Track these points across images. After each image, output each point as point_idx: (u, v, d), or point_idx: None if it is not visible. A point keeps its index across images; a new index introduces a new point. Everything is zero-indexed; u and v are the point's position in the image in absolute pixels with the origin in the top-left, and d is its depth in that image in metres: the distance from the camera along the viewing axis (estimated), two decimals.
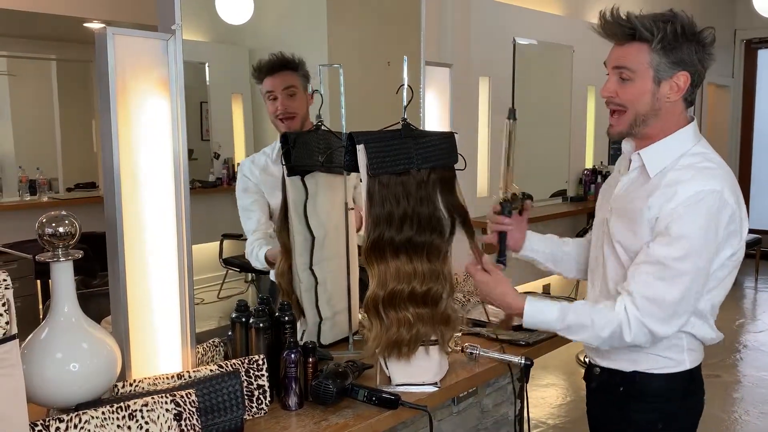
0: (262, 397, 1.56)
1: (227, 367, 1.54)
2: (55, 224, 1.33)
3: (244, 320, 1.67)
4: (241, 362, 1.56)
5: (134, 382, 1.44)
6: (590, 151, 5.90)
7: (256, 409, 1.56)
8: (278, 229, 1.93)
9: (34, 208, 3.56)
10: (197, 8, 2.33)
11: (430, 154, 1.66)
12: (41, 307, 2.96)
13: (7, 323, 1.13)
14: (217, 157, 3.28)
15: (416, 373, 1.69)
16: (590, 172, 5.82)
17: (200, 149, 2.25)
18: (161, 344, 1.56)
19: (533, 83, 5.18)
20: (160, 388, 1.44)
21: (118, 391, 1.42)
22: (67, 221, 1.34)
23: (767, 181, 8.20)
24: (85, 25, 2.56)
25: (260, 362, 1.57)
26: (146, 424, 1.28)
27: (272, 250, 2.08)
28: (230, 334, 1.71)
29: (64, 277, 1.35)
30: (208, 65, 3.20)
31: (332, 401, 1.58)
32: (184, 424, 1.33)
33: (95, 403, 1.33)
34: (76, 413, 1.24)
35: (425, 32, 2.33)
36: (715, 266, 1.54)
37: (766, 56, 8.20)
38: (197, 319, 1.62)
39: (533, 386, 4.00)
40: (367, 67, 2.59)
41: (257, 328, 1.65)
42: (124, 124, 1.46)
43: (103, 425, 1.25)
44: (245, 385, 1.53)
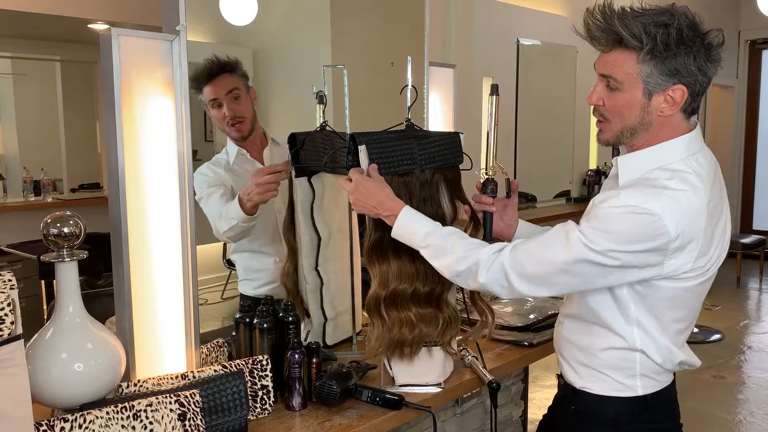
0: (266, 397, 1.56)
1: (231, 367, 1.54)
2: (59, 225, 1.33)
3: (248, 321, 1.68)
4: (245, 363, 1.56)
5: (138, 382, 1.45)
6: (594, 151, 5.91)
7: (260, 409, 1.56)
8: (285, 230, 1.93)
9: (38, 208, 3.56)
10: (201, 9, 2.33)
11: (434, 154, 1.66)
12: (46, 307, 2.97)
13: (12, 323, 1.13)
14: None
15: (420, 373, 1.69)
16: (594, 172, 5.82)
17: (204, 150, 2.25)
18: (165, 344, 1.57)
19: (537, 84, 5.18)
20: (164, 388, 1.44)
21: (122, 391, 1.43)
22: (71, 221, 1.35)
23: None
24: (89, 26, 2.57)
25: (264, 363, 1.57)
26: (150, 424, 1.29)
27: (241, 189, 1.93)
28: (234, 334, 1.72)
29: (68, 277, 1.36)
30: None
31: (336, 402, 1.58)
32: (188, 424, 1.33)
33: (100, 403, 1.34)
34: (80, 413, 1.25)
35: (429, 33, 2.34)
36: (675, 282, 1.37)
37: None
38: (201, 319, 1.62)
39: (537, 387, 3.99)
40: (370, 67, 2.59)
41: (261, 328, 1.65)
42: (128, 124, 1.46)
43: (107, 425, 1.25)
44: (249, 385, 1.53)
